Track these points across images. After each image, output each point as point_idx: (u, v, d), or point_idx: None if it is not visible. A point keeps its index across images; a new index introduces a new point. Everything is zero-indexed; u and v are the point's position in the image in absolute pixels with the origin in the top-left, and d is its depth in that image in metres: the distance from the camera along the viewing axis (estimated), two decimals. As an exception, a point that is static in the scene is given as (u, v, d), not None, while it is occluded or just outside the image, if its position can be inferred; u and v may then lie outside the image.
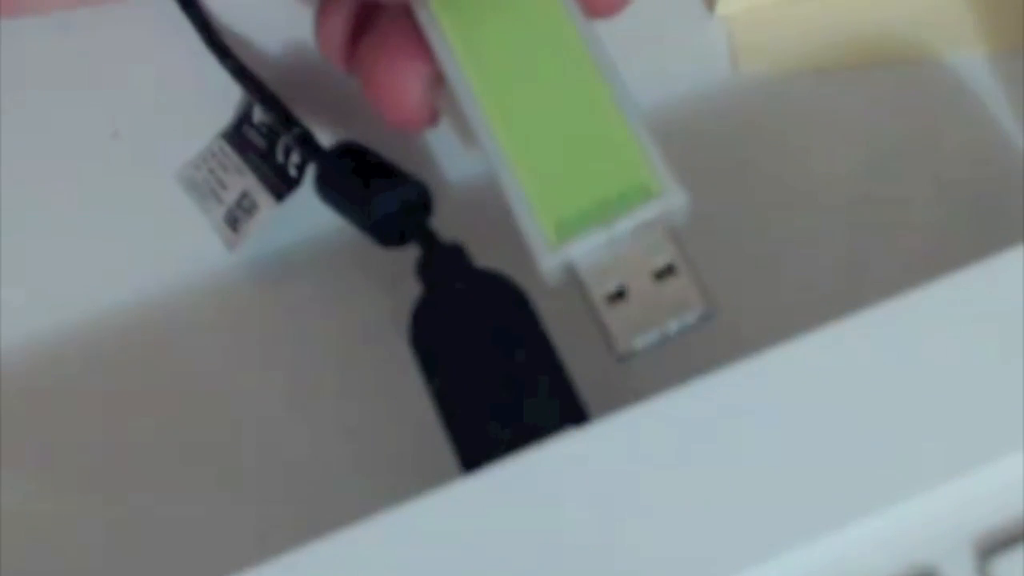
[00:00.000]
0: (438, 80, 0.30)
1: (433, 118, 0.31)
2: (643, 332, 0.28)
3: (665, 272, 0.28)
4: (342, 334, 0.34)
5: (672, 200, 0.28)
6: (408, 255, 0.32)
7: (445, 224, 0.32)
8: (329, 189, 0.33)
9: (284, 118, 0.34)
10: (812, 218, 0.34)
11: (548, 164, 0.28)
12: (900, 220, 0.34)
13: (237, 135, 0.35)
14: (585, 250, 0.28)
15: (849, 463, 0.26)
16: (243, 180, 0.35)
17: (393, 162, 0.33)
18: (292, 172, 0.34)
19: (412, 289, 0.31)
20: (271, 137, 0.34)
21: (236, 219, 0.34)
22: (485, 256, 0.31)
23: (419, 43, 0.30)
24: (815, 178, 0.35)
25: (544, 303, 0.30)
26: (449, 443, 0.29)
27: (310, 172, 0.34)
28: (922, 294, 0.28)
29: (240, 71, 0.35)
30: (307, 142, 0.34)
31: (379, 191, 0.32)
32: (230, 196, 0.35)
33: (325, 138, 0.34)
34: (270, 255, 0.35)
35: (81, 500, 0.32)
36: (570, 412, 0.28)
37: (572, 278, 0.28)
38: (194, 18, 0.36)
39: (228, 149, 0.35)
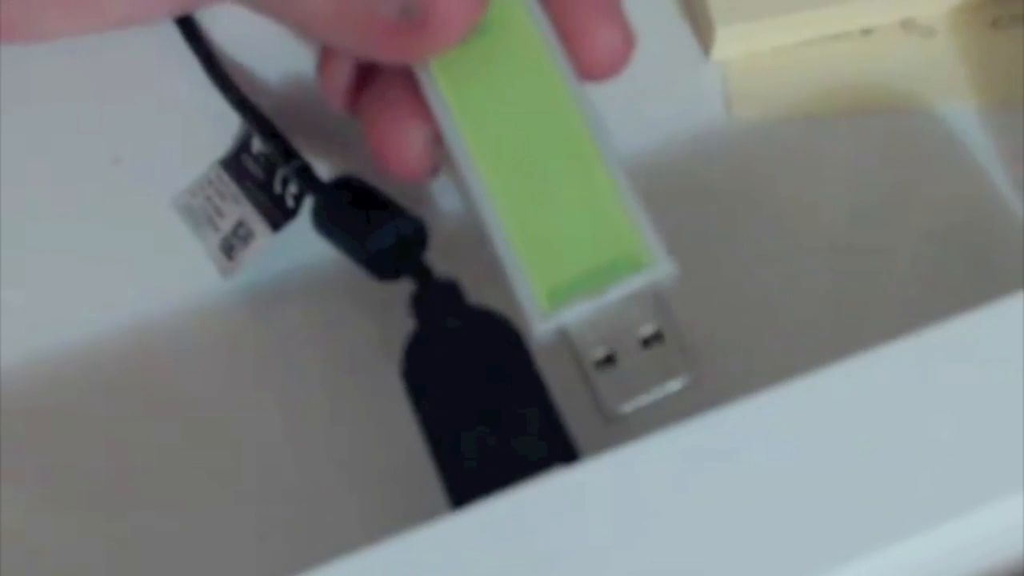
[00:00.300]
0: (438, 138, 0.31)
1: (433, 171, 0.32)
2: (630, 397, 0.29)
3: (653, 339, 0.29)
4: (333, 360, 0.34)
5: (661, 271, 0.29)
6: (400, 285, 0.32)
7: (440, 259, 0.32)
8: (326, 222, 0.33)
9: (283, 150, 0.34)
10: (799, 262, 0.35)
11: (541, 231, 0.29)
12: (886, 267, 0.35)
13: (235, 164, 0.35)
14: (576, 317, 0.29)
15: (844, 504, 0.26)
16: (240, 209, 0.35)
17: (390, 196, 0.33)
18: (290, 203, 0.34)
19: (403, 317, 0.31)
20: (269, 167, 0.35)
21: (232, 247, 0.35)
22: (479, 292, 0.31)
23: (421, 100, 0.30)
24: (804, 223, 0.35)
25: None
26: (438, 478, 0.29)
27: (307, 204, 0.34)
28: (920, 338, 0.28)
29: (241, 103, 0.35)
30: (306, 174, 0.34)
31: (375, 225, 0.32)
32: (226, 224, 0.35)
33: (322, 170, 0.34)
34: (265, 281, 0.35)
35: (80, 520, 0.32)
36: (561, 451, 0.29)
37: (563, 339, 0.29)
38: (197, 49, 0.36)
39: (226, 177, 0.35)
